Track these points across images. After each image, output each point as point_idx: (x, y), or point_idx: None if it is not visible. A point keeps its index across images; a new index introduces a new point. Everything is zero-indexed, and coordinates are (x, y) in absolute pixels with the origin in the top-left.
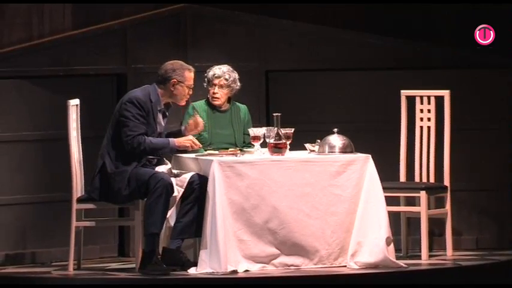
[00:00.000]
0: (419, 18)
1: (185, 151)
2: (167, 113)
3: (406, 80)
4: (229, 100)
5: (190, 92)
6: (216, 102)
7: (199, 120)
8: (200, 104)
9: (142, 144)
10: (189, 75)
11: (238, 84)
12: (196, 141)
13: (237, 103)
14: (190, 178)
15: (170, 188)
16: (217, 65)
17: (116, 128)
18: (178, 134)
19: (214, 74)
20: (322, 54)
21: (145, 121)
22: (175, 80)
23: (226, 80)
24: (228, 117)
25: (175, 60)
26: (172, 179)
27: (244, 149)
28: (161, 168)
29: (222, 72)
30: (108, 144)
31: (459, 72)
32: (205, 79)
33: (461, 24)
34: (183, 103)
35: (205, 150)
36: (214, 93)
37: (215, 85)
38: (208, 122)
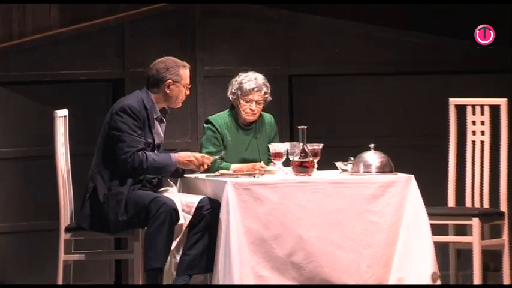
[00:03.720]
0: (473, 14)
1: (191, 171)
2: (165, 120)
3: (456, 86)
4: None
5: (188, 93)
6: (252, 119)
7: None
8: (222, 119)
9: (144, 163)
10: (185, 72)
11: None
12: (200, 156)
13: (261, 112)
14: (199, 202)
15: (175, 214)
16: (229, 67)
17: (107, 144)
18: None
19: (253, 88)
20: (357, 56)
21: (142, 133)
22: (170, 81)
23: (265, 93)
24: (251, 137)
25: (166, 57)
26: (178, 204)
27: (265, 168)
28: (164, 191)
29: (259, 84)
30: (99, 164)
31: None
32: (237, 91)
33: None
34: (179, 106)
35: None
36: (252, 110)
37: (252, 101)
38: (233, 142)
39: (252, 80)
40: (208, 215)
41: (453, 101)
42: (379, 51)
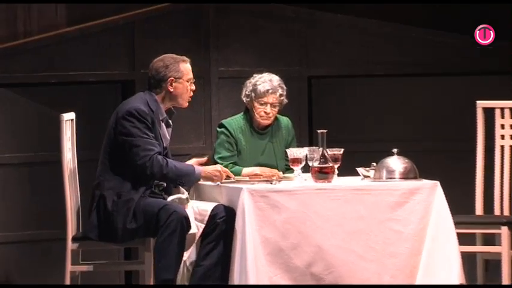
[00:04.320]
0: (501, 14)
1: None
2: (171, 122)
3: (484, 88)
4: None
5: (193, 88)
6: (267, 122)
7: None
8: (236, 123)
9: (164, 168)
10: (186, 67)
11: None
12: (227, 171)
13: (277, 115)
14: (213, 210)
15: (186, 222)
16: (245, 68)
17: (114, 149)
18: None
19: (268, 90)
20: (380, 56)
21: (153, 135)
22: (172, 78)
23: (281, 95)
24: (267, 141)
25: (163, 55)
26: (190, 212)
27: (282, 175)
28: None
29: (275, 86)
30: (106, 170)
31: None
32: (251, 93)
33: None
34: (186, 104)
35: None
36: (266, 113)
37: (267, 103)
38: (247, 146)
39: (266, 82)
40: (223, 223)
41: (481, 104)
42: (403, 51)
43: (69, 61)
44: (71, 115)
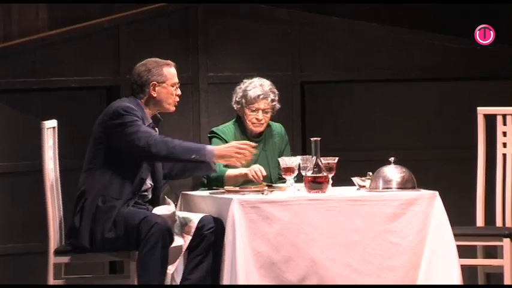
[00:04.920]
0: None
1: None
2: (157, 129)
3: (486, 94)
4: None
5: (179, 92)
6: (259, 129)
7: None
8: (228, 130)
9: (170, 143)
10: (170, 71)
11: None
12: (246, 142)
13: (270, 122)
14: (199, 222)
15: (168, 234)
16: (235, 73)
17: (99, 156)
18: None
19: (259, 95)
20: (376, 61)
21: None
22: (154, 82)
23: (273, 100)
24: (260, 149)
25: (146, 59)
26: (177, 224)
27: (274, 185)
28: (161, 211)
29: (266, 91)
30: (89, 178)
31: None
32: (242, 99)
33: None
34: (173, 108)
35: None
36: (258, 119)
37: (258, 109)
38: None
39: (257, 87)
40: (210, 235)
41: (481, 110)
42: (401, 56)
43: (51, 66)
44: (53, 123)
